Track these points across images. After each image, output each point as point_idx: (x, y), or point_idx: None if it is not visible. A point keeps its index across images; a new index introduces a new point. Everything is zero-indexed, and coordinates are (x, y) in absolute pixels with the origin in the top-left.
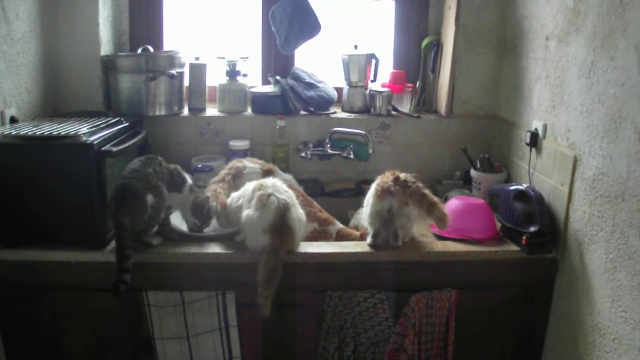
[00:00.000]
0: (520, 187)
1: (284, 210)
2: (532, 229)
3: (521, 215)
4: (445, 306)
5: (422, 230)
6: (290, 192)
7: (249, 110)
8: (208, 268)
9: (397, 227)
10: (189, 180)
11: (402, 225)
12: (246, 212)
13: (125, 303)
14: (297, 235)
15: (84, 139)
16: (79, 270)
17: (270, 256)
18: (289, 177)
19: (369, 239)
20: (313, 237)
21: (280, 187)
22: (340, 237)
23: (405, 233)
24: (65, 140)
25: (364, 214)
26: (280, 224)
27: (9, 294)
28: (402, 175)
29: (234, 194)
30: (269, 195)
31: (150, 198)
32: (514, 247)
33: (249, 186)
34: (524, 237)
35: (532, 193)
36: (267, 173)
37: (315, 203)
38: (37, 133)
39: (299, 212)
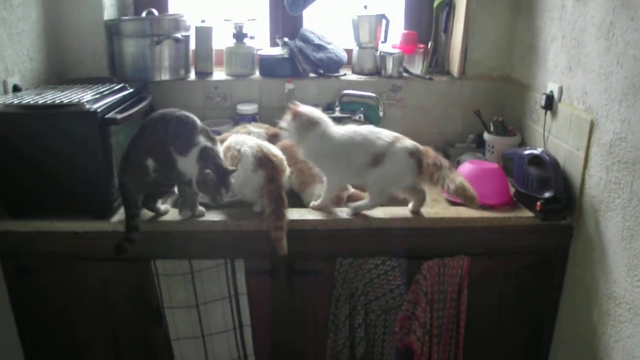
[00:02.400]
0: (534, 151)
1: (260, 149)
2: (547, 194)
3: (536, 181)
4: (458, 273)
5: (434, 195)
6: (258, 140)
7: (257, 73)
8: (217, 236)
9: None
10: (201, 144)
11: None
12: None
13: (134, 272)
14: (284, 162)
15: (88, 106)
16: (86, 240)
17: (271, 185)
18: None
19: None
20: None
21: (246, 138)
22: (353, 200)
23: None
24: (68, 108)
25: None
26: (264, 157)
27: (17, 264)
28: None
29: None
30: (239, 150)
31: (150, 162)
32: (527, 213)
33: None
34: (539, 203)
35: (547, 158)
36: (273, 137)
37: None
38: (40, 102)
39: (270, 145)
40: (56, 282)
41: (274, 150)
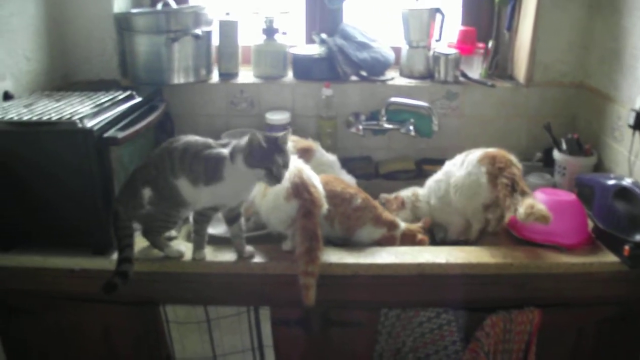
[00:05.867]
0: (622, 182)
1: (300, 174)
2: (639, 237)
3: (624, 219)
4: (526, 330)
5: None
6: (301, 163)
7: (290, 75)
8: (238, 279)
9: None
10: (222, 152)
11: None
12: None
13: (140, 318)
14: (322, 197)
15: (81, 125)
16: (84, 278)
17: (306, 220)
18: (332, 158)
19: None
20: (380, 244)
21: None
22: (405, 239)
23: None
24: (58, 126)
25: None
26: (301, 185)
27: (7, 304)
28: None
29: None
30: None
31: (147, 192)
32: (611, 257)
33: None
34: (627, 248)
35: (639, 191)
36: (304, 153)
37: (377, 204)
38: (26, 117)
39: (311, 173)
40: (50, 327)
41: (315, 180)
